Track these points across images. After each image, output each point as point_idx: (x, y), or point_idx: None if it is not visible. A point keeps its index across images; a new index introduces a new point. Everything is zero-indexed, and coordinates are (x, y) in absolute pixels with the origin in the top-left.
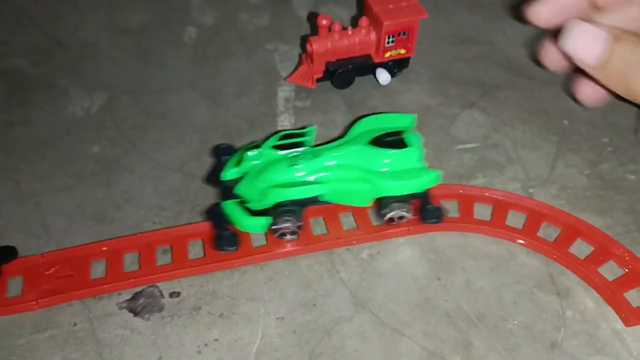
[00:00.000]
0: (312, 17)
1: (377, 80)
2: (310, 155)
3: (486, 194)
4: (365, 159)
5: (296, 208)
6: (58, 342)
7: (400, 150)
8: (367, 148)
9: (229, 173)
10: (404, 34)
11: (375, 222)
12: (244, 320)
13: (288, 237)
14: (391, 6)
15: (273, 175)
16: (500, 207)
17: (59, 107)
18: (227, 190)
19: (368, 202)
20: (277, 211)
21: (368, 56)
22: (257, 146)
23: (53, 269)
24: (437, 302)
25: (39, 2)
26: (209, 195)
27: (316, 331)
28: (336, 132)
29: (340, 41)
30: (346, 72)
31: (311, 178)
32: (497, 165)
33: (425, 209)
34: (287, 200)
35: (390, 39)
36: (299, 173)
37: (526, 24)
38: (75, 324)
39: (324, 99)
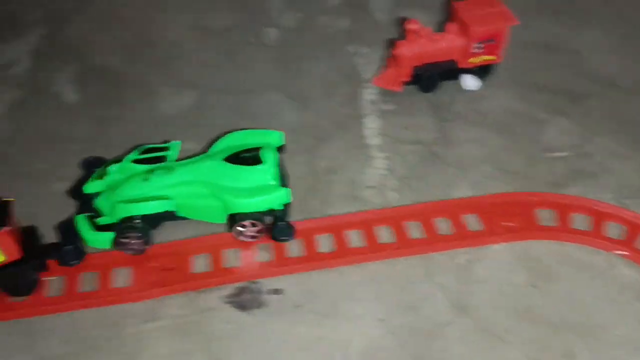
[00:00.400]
0: (393, 21)
1: (463, 85)
2: (164, 170)
3: (583, 203)
4: (218, 175)
5: (141, 224)
6: (167, 333)
7: (251, 167)
8: (220, 164)
9: (91, 186)
10: (492, 40)
11: (469, 227)
12: (345, 320)
13: (136, 252)
14: (479, 12)
15: (126, 189)
16: (598, 217)
17: (151, 105)
18: (87, 203)
19: (223, 219)
20: (121, 226)
21: (453, 61)
22: (119, 160)
23: (157, 262)
24: (537, 310)
25: (127, 3)
26: (302, 191)
27: (417, 334)
28: (425, 136)
29: (427, 46)
30: (432, 77)
31: (162, 193)
32: (589, 174)
33: (276, 226)
34: (137, 215)
35: (478, 45)
36: (151, 188)
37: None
38: (182, 316)
39: (409, 102)
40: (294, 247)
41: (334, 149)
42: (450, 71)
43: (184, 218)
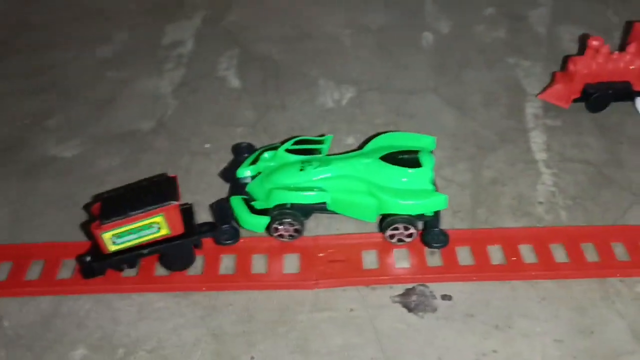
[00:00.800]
0: (554, 36)
1: (637, 109)
2: (320, 163)
3: None
4: (375, 174)
5: (296, 212)
6: (337, 324)
7: (411, 169)
8: (378, 162)
9: (244, 171)
10: None
11: None
12: (521, 336)
13: (286, 239)
14: None
15: (281, 177)
16: None
17: (311, 96)
18: (238, 187)
19: (374, 218)
20: (276, 212)
21: (628, 83)
22: (274, 148)
23: (325, 252)
24: None
25: None
26: (467, 199)
27: None
28: (593, 156)
29: (604, 64)
30: (604, 96)
31: (316, 185)
32: None
33: (430, 233)
34: (290, 203)
35: None
36: (307, 178)
37: None
38: (352, 310)
39: (574, 120)
40: (464, 255)
41: (499, 160)
42: (622, 93)
43: (333, 212)
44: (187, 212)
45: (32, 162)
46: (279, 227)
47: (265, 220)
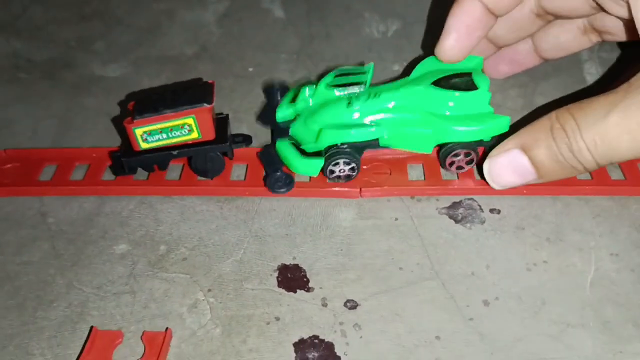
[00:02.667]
0: None
1: None
2: (368, 96)
3: None
4: (428, 101)
5: (351, 150)
6: (382, 231)
7: (468, 92)
8: (430, 89)
9: (283, 113)
10: None
11: None
12: (574, 249)
13: (343, 180)
14: None
15: (328, 115)
16: None
17: (356, 27)
18: (281, 131)
19: (431, 149)
20: (330, 153)
21: None
22: (311, 83)
23: (370, 165)
24: None
25: None
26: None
27: None
28: None
29: None
30: None
31: (368, 120)
32: None
33: None
34: (342, 143)
35: None
36: (356, 114)
37: None
38: (396, 219)
39: (631, 54)
40: None
41: (552, 88)
42: None
43: (385, 147)
44: (222, 121)
45: (78, 80)
46: (335, 167)
47: (319, 162)
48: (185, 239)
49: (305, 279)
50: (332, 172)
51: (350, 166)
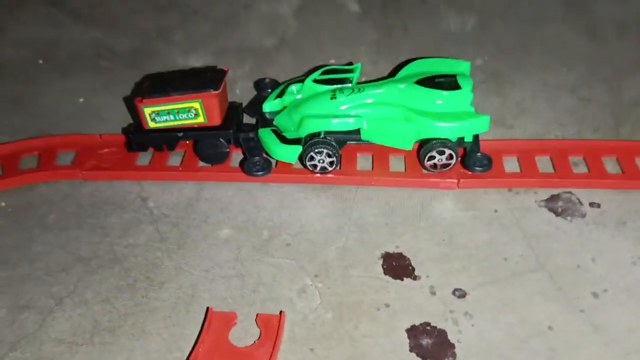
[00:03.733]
0: None
1: None
2: (352, 91)
3: None
4: (411, 98)
5: (330, 141)
6: (483, 222)
7: (450, 91)
8: (414, 87)
9: (270, 105)
10: None
11: None
12: None
13: (317, 172)
14: None
15: (311, 106)
16: None
17: (433, 21)
18: (265, 121)
19: (410, 145)
20: (311, 142)
21: None
22: (300, 81)
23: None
24: None
25: None
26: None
27: None
28: None
29: None
30: None
31: (349, 112)
32: None
33: (472, 156)
34: (323, 132)
35: None
36: (339, 107)
37: None
38: (496, 211)
39: None
40: (612, 165)
41: (639, 84)
42: None
43: (367, 142)
44: (234, 109)
45: (162, 69)
46: (316, 156)
47: (297, 149)
48: (286, 225)
49: (410, 268)
50: (312, 158)
51: (330, 158)
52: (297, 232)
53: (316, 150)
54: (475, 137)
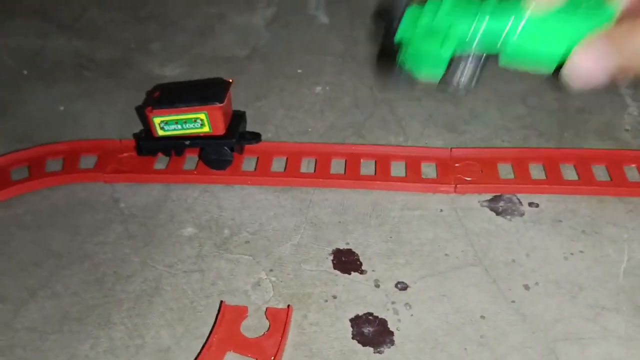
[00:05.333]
0: None
1: None
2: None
3: None
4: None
5: (476, 55)
6: (428, 221)
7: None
8: None
9: (405, 29)
10: None
11: None
12: (608, 241)
13: (462, 88)
14: None
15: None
16: None
17: None
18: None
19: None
20: (454, 59)
21: None
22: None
23: (463, 163)
24: None
25: None
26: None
27: None
28: None
29: None
30: None
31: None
32: None
33: None
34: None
35: None
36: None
37: None
38: (441, 210)
39: None
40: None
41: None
42: None
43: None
44: (238, 117)
45: (139, 78)
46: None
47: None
48: (246, 224)
49: (358, 262)
50: (453, 76)
51: (475, 74)
52: (256, 230)
53: (458, 68)
54: None
